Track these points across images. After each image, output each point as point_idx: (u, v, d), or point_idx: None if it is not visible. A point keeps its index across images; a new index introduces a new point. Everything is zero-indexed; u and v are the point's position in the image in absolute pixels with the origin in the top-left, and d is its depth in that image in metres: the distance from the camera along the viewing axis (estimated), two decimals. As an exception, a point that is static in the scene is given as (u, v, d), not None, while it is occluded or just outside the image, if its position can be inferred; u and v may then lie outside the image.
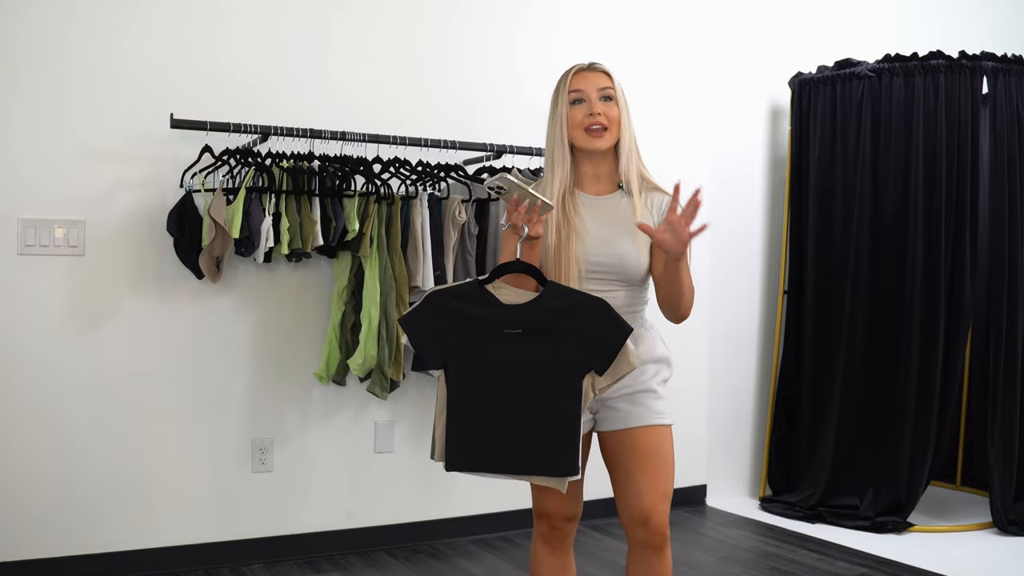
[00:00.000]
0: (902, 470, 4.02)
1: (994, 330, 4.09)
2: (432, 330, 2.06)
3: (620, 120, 2.14)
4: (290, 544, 3.53)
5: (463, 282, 2.12)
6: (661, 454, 2.11)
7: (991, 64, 4.05)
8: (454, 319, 2.06)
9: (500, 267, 2.09)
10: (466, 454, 2.06)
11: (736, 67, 4.55)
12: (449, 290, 2.09)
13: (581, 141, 2.14)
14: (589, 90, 2.13)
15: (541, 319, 2.04)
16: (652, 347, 2.18)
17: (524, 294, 2.07)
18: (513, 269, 2.08)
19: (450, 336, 2.05)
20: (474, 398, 2.05)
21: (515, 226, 2.03)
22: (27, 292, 3.15)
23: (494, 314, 2.05)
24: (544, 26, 4.04)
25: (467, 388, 2.05)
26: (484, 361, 2.04)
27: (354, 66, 3.64)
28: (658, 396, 2.14)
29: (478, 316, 2.05)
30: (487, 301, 2.06)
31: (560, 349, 2.03)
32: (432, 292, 2.09)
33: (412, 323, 2.08)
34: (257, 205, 3.18)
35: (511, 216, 2.02)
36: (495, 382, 2.04)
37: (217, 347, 3.41)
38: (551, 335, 2.03)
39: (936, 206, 4.02)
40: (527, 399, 2.03)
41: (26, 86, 3.13)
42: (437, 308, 2.07)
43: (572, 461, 2.03)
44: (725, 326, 4.53)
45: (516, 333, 2.04)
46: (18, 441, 3.14)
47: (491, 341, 2.04)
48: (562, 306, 2.04)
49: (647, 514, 2.07)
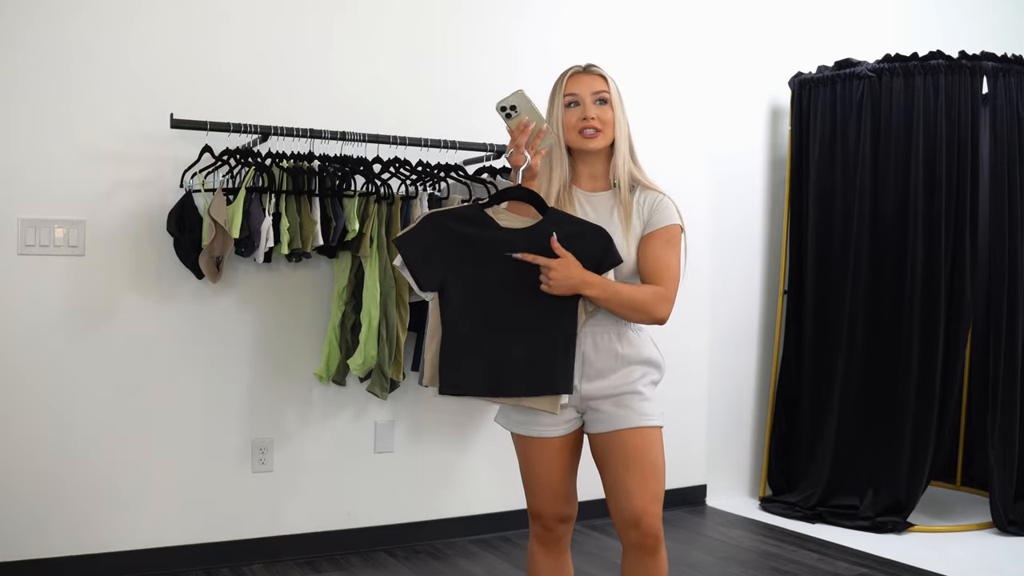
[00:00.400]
0: (902, 470, 4.02)
1: (994, 330, 4.09)
2: (430, 250, 2.05)
3: (614, 122, 2.16)
4: (290, 544, 3.53)
5: (463, 204, 2.11)
6: (650, 456, 2.10)
7: (991, 64, 4.05)
8: (453, 240, 2.05)
9: (500, 192, 2.10)
10: (460, 376, 2.05)
11: (736, 67, 4.55)
12: (449, 212, 2.08)
13: (575, 142, 2.17)
14: (584, 93, 2.15)
15: (541, 243, 2.04)
16: (639, 349, 2.17)
17: (524, 220, 2.08)
18: (514, 195, 2.08)
19: (447, 256, 2.04)
20: (470, 319, 2.05)
21: (519, 147, 2.06)
22: (27, 292, 3.15)
23: (494, 236, 2.06)
24: (544, 26, 4.04)
25: (463, 309, 2.04)
26: (482, 283, 2.05)
27: (354, 66, 3.64)
28: (644, 398, 2.13)
29: (478, 238, 2.05)
30: (487, 224, 2.07)
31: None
32: (430, 213, 2.07)
33: (409, 243, 2.05)
34: (257, 205, 3.18)
35: (516, 137, 2.05)
36: (493, 304, 2.05)
37: (217, 347, 3.41)
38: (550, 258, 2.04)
39: (936, 206, 4.02)
40: (524, 320, 2.05)
41: (26, 86, 3.13)
42: (435, 228, 2.05)
43: (567, 379, 2.06)
44: (725, 326, 4.53)
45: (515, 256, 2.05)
46: (18, 441, 3.14)
47: (490, 263, 2.05)
48: (563, 232, 2.06)
49: (638, 516, 2.07)
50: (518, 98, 2.00)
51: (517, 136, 2.09)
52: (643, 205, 2.18)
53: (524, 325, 2.05)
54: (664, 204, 2.17)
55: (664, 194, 2.19)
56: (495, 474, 3.85)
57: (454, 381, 2.05)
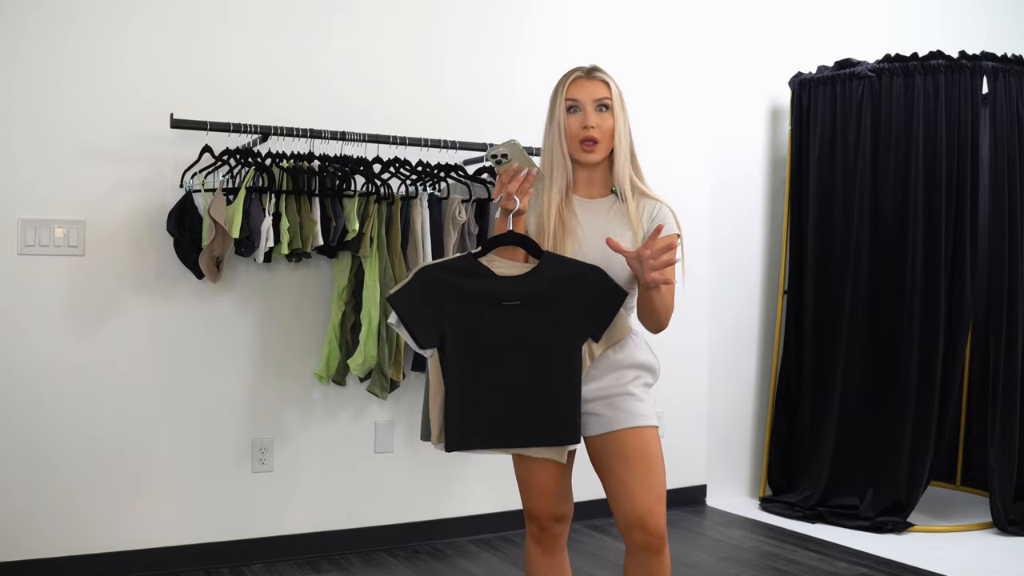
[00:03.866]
0: (902, 470, 4.02)
1: (994, 330, 4.08)
2: (426, 306, 2.01)
3: (614, 130, 2.15)
4: (290, 544, 3.53)
5: (454, 256, 2.08)
6: (649, 454, 2.09)
7: (991, 64, 4.05)
8: (447, 293, 2.01)
9: (493, 239, 2.06)
10: (469, 432, 2.02)
11: (736, 67, 4.55)
12: (441, 264, 2.04)
13: (575, 152, 2.16)
14: (585, 100, 2.14)
15: (540, 289, 2.02)
16: (633, 353, 2.16)
17: (519, 266, 2.05)
18: (507, 241, 2.05)
19: (446, 311, 2.01)
20: (472, 373, 2.01)
21: (508, 195, 2.03)
22: (27, 292, 3.15)
23: (491, 286, 2.02)
24: (544, 26, 4.04)
25: (464, 363, 2.01)
26: (484, 335, 2.01)
27: (354, 66, 3.64)
28: (638, 399, 2.13)
29: (475, 289, 2.02)
30: (482, 273, 2.03)
31: (560, 318, 2.02)
32: (422, 267, 2.03)
33: (402, 298, 2.01)
34: (257, 205, 3.18)
35: (503, 186, 2.02)
36: (496, 355, 2.01)
37: (217, 347, 3.41)
38: (549, 305, 2.02)
39: (936, 206, 4.02)
40: (529, 370, 2.02)
41: (26, 86, 3.13)
42: (429, 283, 2.01)
43: (574, 430, 2.04)
44: (725, 326, 4.53)
45: (515, 305, 2.01)
46: (18, 440, 3.14)
47: (490, 314, 2.01)
48: (560, 276, 2.03)
49: (643, 517, 2.06)
50: (510, 147, 1.97)
51: (507, 182, 2.04)
52: (643, 212, 2.17)
53: (527, 376, 2.02)
54: (664, 213, 2.18)
55: (663, 202, 2.19)
56: (495, 474, 3.85)
57: (460, 438, 2.02)
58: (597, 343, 2.06)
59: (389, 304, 1.98)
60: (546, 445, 2.05)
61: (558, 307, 2.02)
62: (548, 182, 2.16)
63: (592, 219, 2.16)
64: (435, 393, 2.03)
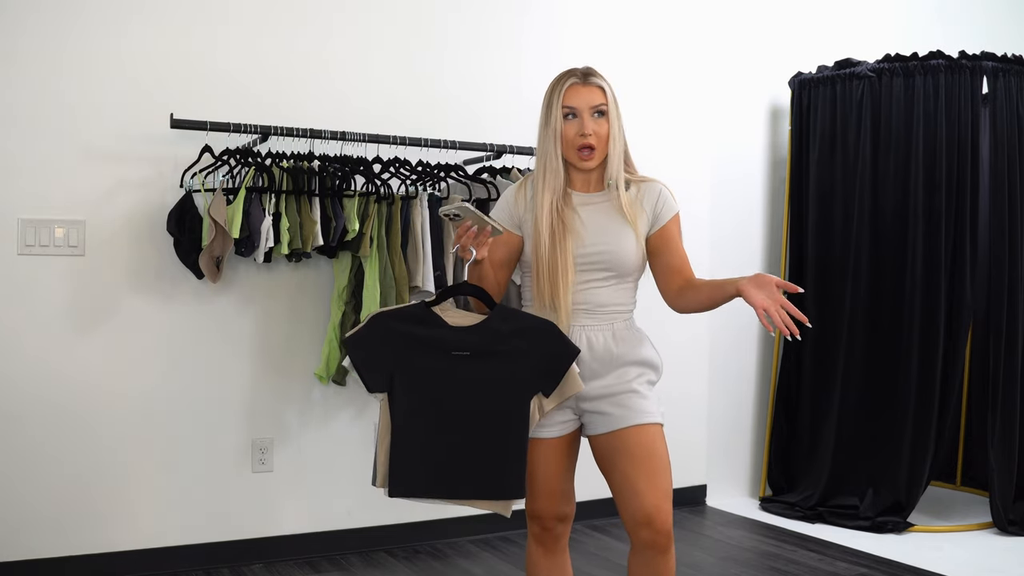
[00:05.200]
0: (902, 470, 4.02)
1: (994, 330, 4.08)
2: (377, 351, 2.02)
3: (609, 135, 2.17)
4: (290, 544, 3.53)
5: (408, 304, 2.09)
6: (656, 452, 2.10)
7: (991, 64, 4.05)
8: (400, 341, 2.03)
9: (447, 289, 2.09)
10: (410, 479, 2.02)
11: (736, 67, 4.55)
12: (395, 312, 2.06)
13: (572, 158, 2.18)
14: (582, 107, 2.15)
15: (489, 341, 2.03)
16: (635, 349, 2.18)
17: (471, 316, 2.06)
18: (461, 291, 2.08)
19: (395, 358, 2.02)
20: (419, 421, 2.01)
21: (463, 248, 2.04)
22: (27, 292, 3.15)
23: (441, 336, 2.03)
24: (545, 27, 4.04)
25: (412, 410, 2.01)
26: (431, 383, 2.02)
27: (354, 65, 3.64)
28: (642, 396, 2.14)
29: (425, 338, 2.03)
30: (434, 322, 2.04)
31: (508, 371, 2.02)
32: (377, 313, 2.05)
33: (356, 344, 2.03)
34: (257, 205, 3.18)
35: (459, 239, 2.04)
36: (441, 405, 2.02)
37: (217, 347, 3.41)
38: (499, 357, 2.02)
39: (936, 206, 4.02)
40: (474, 422, 2.02)
41: (27, 86, 3.13)
42: (382, 329, 2.03)
43: (519, 484, 2.04)
44: (725, 326, 4.53)
45: (464, 355, 2.02)
46: (18, 440, 3.14)
47: (438, 363, 2.02)
48: (510, 328, 2.04)
49: (650, 514, 2.06)
50: (462, 209, 1.99)
51: (462, 235, 2.05)
52: (643, 198, 2.20)
53: (474, 428, 2.02)
54: (665, 195, 2.22)
55: (658, 182, 2.24)
56: (495, 474, 3.84)
57: (404, 485, 2.02)
58: (548, 398, 2.06)
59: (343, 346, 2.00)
60: (492, 499, 2.05)
61: (507, 360, 2.03)
62: (540, 184, 2.18)
63: (592, 213, 2.18)
64: (382, 437, 2.04)
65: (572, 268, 2.13)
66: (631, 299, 2.23)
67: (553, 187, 2.17)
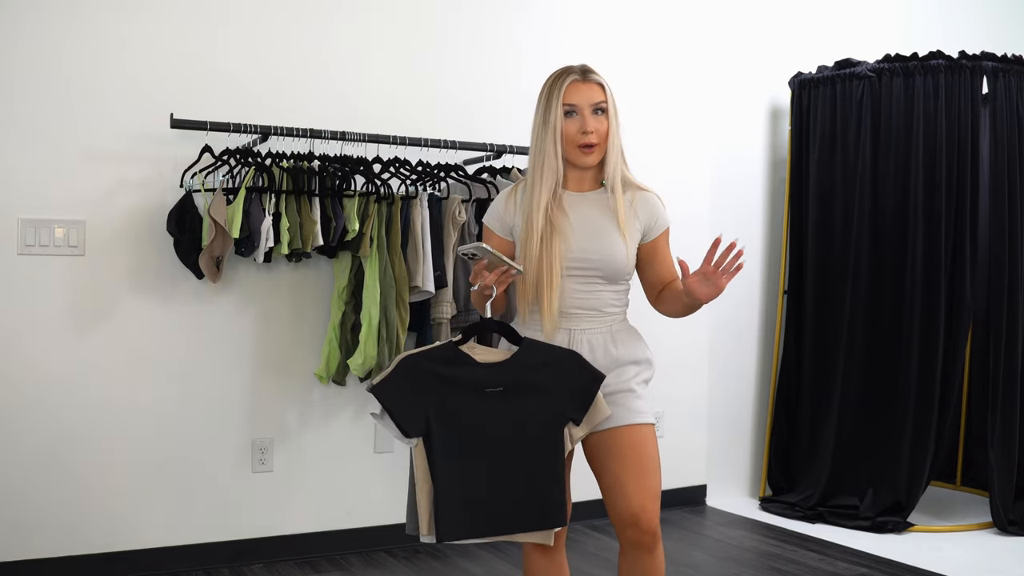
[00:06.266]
0: (902, 470, 4.02)
1: (994, 330, 4.08)
2: (411, 395, 2.00)
3: (609, 133, 2.18)
4: (290, 544, 3.53)
5: (436, 345, 2.08)
6: (646, 453, 2.12)
7: (991, 64, 4.05)
8: (430, 382, 2.01)
9: (471, 327, 2.09)
10: (456, 522, 2.00)
11: (736, 67, 4.55)
12: (423, 353, 2.04)
13: (572, 156, 2.18)
14: (583, 105, 2.15)
15: (520, 375, 2.03)
16: (632, 349, 2.21)
17: (499, 352, 2.07)
18: (488, 329, 2.08)
19: (427, 400, 2.00)
20: (459, 462, 2.01)
21: (486, 285, 2.05)
22: (27, 292, 3.15)
23: (473, 375, 2.02)
24: (545, 27, 4.04)
25: (451, 452, 2.00)
26: (469, 423, 2.01)
27: (354, 65, 3.64)
28: (637, 396, 2.16)
29: (457, 378, 2.02)
30: (464, 362, 2.04)
31: (541, 403, 2.04)
32: (406, 356, 2.03)
33: (386, 389, 1.98)
34: (257, 205, 3.18)
35: (477, 277, 2.04)
36: (481, 444, 2.02)
37: (217, 347, 3.41)
38: (531, 390, 2.03)
39: (936, 206, 4.02)
40: (512, 457, 2.03)
41: (26, 86, 3.13)
42: (411, 371, 2.01)
43: (560, 513, 2.06)
44: (725, 326, 4.53)
45: (497, 391, 2.03)
46: (18, 441, 3.14)
47: (474, 402, 2.02)
48: (539, 360, 2.05)
49: (636, 514, 2.08)
50: (479, 249, 1.99)
51: (481, 272, 2.05)
52: (638, 207, 2.21)
53: (512, 463, 2.03)
54: (659, 207, 2.24)
55: (652, 192, 2.25)
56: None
57: (452, 528, 2.01)
58: (578, 426, 2.07)
59: (373, 394, 1.97)
60: (534, 530, 2.06)
61: (539, 392, 2.04)
62: (537, 181, 2.18)
63: (582, 213, 2.19)
64: (421, 484, 2.01)
65: (558, 270, 2.13)
66: (625, 299, 2.26)
67: (550, 186, 2.17)
